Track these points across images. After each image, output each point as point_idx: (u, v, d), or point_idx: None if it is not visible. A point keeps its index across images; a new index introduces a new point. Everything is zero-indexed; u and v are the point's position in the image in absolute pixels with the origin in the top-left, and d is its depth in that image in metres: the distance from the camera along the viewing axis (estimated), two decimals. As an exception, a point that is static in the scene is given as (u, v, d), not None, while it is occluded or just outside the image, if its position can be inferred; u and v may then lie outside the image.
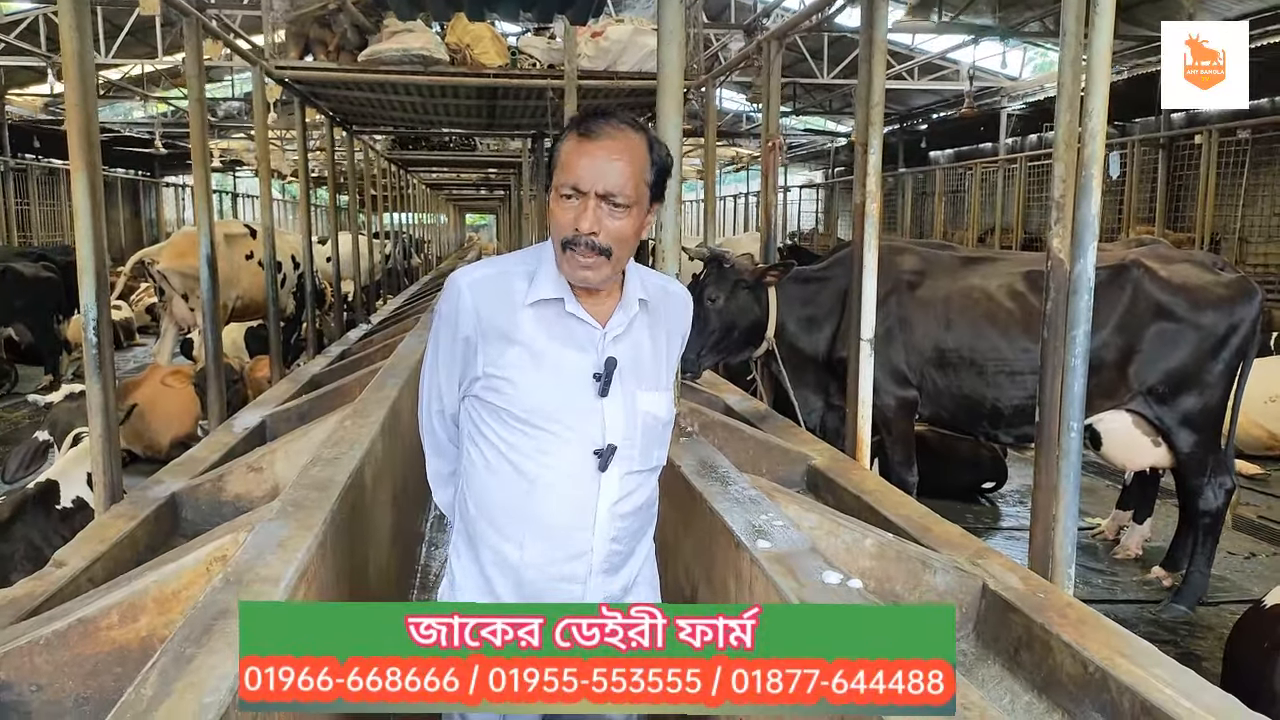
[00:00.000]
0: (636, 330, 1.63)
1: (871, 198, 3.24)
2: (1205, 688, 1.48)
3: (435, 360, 1.67)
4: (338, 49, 6.40)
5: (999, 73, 16.33)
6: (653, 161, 1.55)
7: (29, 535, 3.08)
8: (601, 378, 1.56)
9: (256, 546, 1.84)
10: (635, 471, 1.61)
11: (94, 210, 2.54)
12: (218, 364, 4.06)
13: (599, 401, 1.57)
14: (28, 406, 8.38)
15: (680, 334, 1.74)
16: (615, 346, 1.59)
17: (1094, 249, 2.23)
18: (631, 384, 1.60)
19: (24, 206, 15.51)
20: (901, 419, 4.29)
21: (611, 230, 1.51)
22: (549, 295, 1.57)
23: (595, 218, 1.50)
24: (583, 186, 1.50)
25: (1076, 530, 2.35)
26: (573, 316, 1.58)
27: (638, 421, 1.60)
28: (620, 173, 1.50)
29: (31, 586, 1.93)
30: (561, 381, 1.57)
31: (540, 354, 1.57)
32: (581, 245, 1.50)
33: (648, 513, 1.70)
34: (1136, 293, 4.07)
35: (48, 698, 1.62)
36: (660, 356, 1.66)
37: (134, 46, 14.14)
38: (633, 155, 1.52)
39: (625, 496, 1.60)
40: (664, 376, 1.66)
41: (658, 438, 1.65)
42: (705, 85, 6.61)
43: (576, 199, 1.51)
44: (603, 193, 1.49)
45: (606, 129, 1.51)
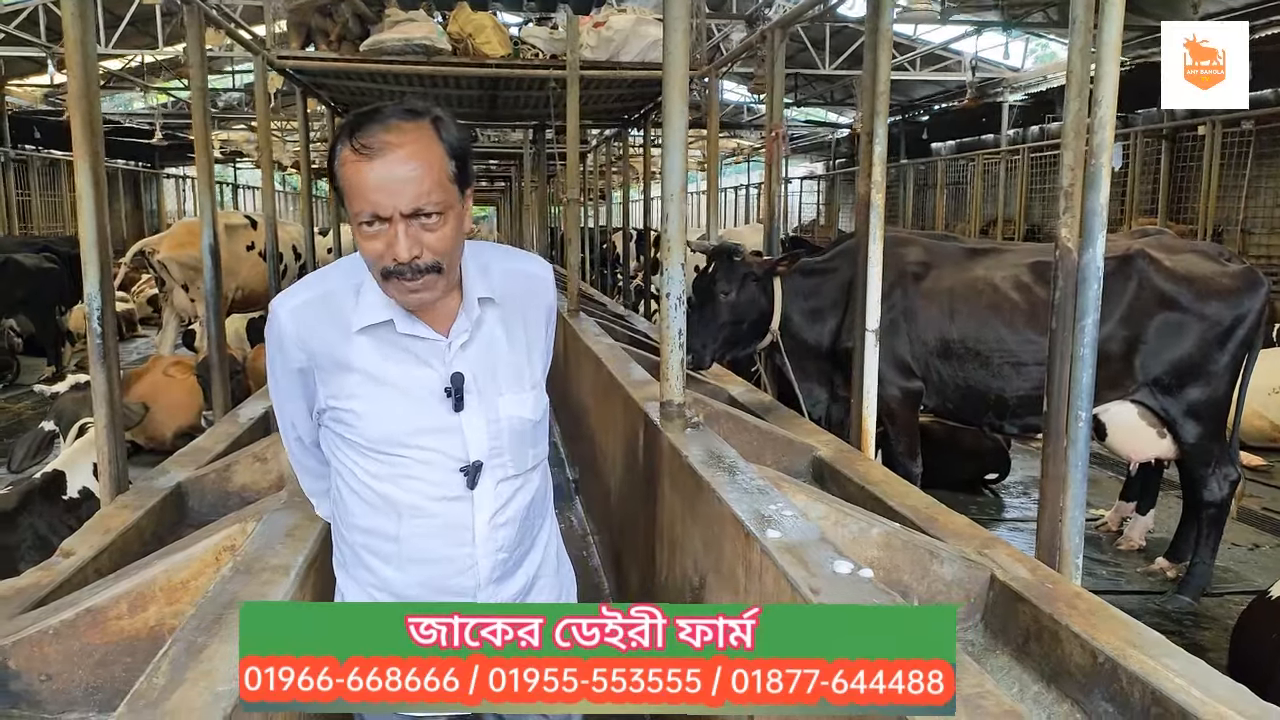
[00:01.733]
0: (486, 331, 1.50)
1: (876, 188, 3.22)
2: (1216, 678, 1.47)
3: (277, 391, 1.59)
4: (339, 39, 6.38)
5: (1001, 64, 16.30)
6: (448, 152, 1.37)
7: (35, 525, 3.09)
8: (452, 393, 1.45)
9: (265, 536, 1.84)
10: (510, 478, 1.52)
11: (97, 200, 2.53)
12: (221, 354, 4.05)
13: (455, 418, 1.46)
14: (31, 398, 8.39)
15: (544, 313, 1.60)
16: (463, 354, 1.47)
17: (1103, 238, 2.22)
18: (490, 391, 1.49)
19: (25, 197, 15.49)
20: (906, 410, 4.29)
21: (434, 244, 1.35)
22: (378, 319, 1.44)
23: (411, 239, 1.33)
24: (383, 212, 1.32)
25: (1084, 520, 2.35)
26: (409, 336, 1.45)
27: (503, 429, 1.50)
28: (418, 183, 1.32)
29: (39, 576, 1.92)
30: (410, 404, 1.45)
31: (381, 379, 1.45)
32: (407, 273, 1.35)
33: (539, 508, 1.62)
34: (1142, 283, 4.06)
35: (58, 687, 1.62)
36: (520, 351, 1.54)
37: (134, 37, 14.10)
38: (424, 157, 1.33)
39: (502, 507, 1.51)
40: (526, 373, 1.54)
41: (530, 438, 1.55)
42: (708, 76, 6.59)
43: (381, 225, 1.34)
44: (408, 211, 1.32)
45: (384, 137, 1.32)
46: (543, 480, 1.63)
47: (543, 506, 1.65)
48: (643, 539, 2.95)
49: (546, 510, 1.67)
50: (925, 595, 2.02)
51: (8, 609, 1.76)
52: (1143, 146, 11.82)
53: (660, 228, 2.86)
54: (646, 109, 8.75)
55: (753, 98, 19.84)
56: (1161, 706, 1.44)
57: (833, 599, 1.62)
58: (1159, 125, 11.76)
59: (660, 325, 2.89)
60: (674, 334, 2.79)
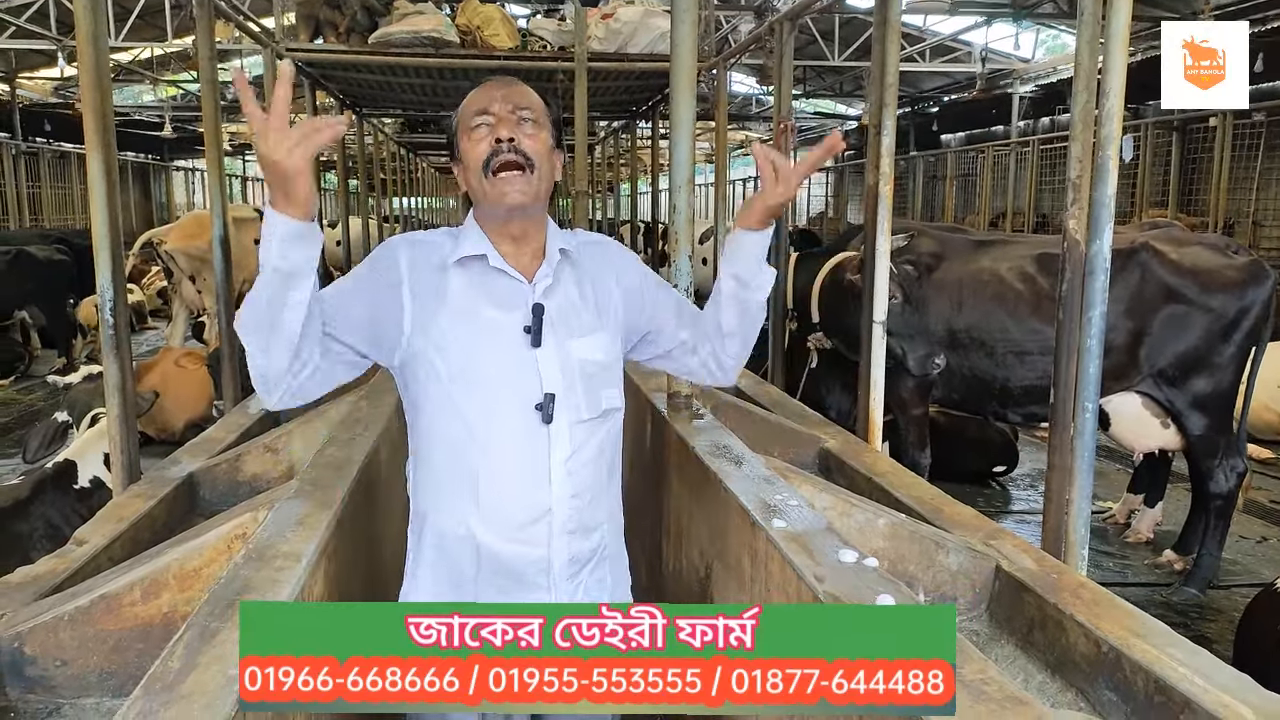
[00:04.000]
0: (563, 282, 1.66)
1: (884, 180, 3.22)
2: (1220, 667, 1.48)
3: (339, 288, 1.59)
4: (348, 31, 6.39)
5: (1011, 55, 16.21)
6: (549, 108, 1.64)
7: (48, 514, 3.12)
8: (531, 329, 1.58)
9: (277, 524, 1.86)
10: (583, 421, 1.61)
11: (109, 192, 2.55)
12: (231, 346, 4.07)
13: (532, 353, 1.58)
14: (43, 389, 8.45)
15: (610, 272, 1.73)
16: (543, 297, 1.61)
17: (1110, 230, 2.22)
18: (563, 333, 1.61)
19: (35, 189, 15.57)
20: (917, 401, 4.30)
21: (529, 144, 1.56)
22: (474, 251, 1.60)
23: (511, 125, 1.56)
24: (493, 109, 1.56)
25: (1090, 512, 2.36)
26: (498, 272, 1.60)
27: (575, 369, 1.61)
28: (526, 94, 1.60)
29: (54, 564, 1.95)
30: (493, 338, 1.58)
31: (469, 312, 1.58)
32: (504, 154, 1.54)
33: (610, 457, 1.69)
34: (1146, 275, 4.06)
35: (72, 672, 1.65)
36: (590, 303, 1.67)
37: (143, 30, 14.14)
38: (532, 95, 1.62)
39: (578, 450, 1.60)
40: (596, 321, 1.67)
41: (602, 381, 1.65)
42: (716, 68, 6.58)
43: (489, 120, 1.57)
44: (513, 108, 1.57)
45: (503, 79, 1.63)
46: (610, 437, 1.69)
47: (612, 460, 1.71)
48: (650, 528, 2.97)
49: (615, 472, 1.73)
50: (931, 585, 2.03)
51: (24, 595, 1.78)
52: (1153, 138, 11.75)
53: (668, 219, 2.86)
54: (654, 101, 8.74)
55: (761, 89, 19.78)
56: (1165, 695, 1.45)
57: (838, 588, 1.63)
58: (1170, 116, 11.69)
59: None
60: (681, 325, 2.80)
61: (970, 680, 1.33)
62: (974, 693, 1.31)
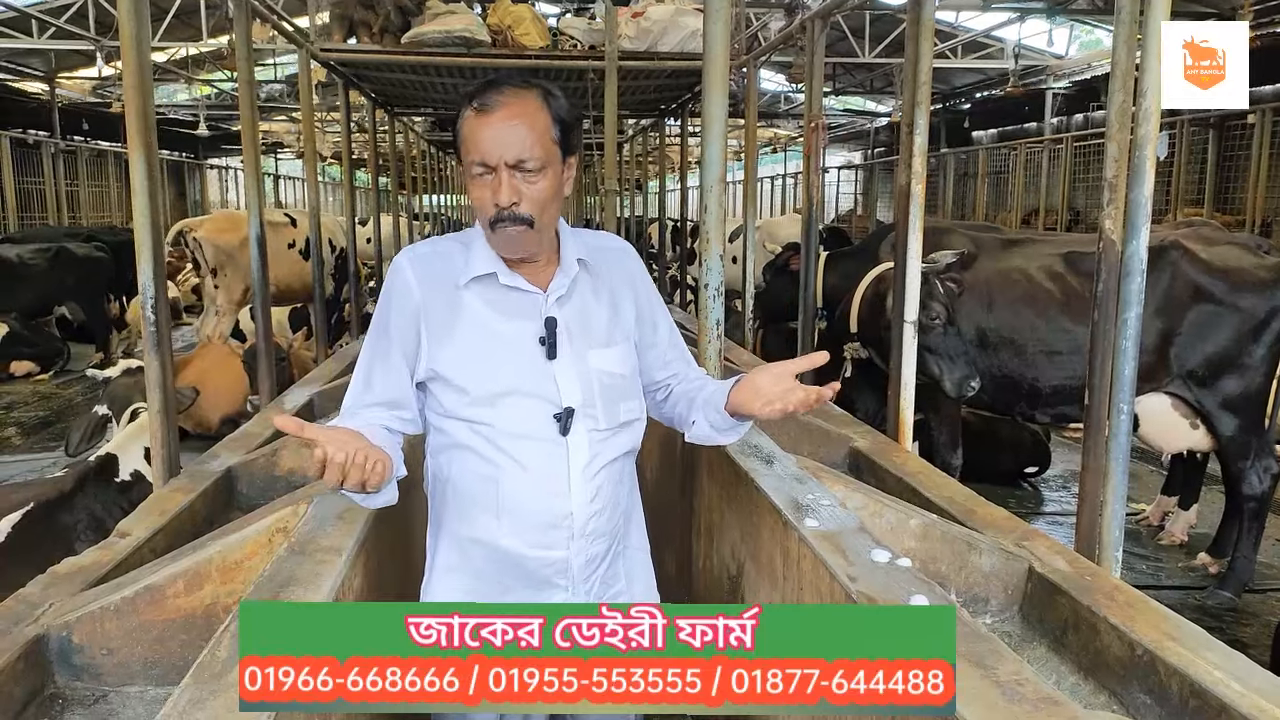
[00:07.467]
0: (580, 292, 1.66)
1: (916, 178, 3.21)
2: (1257, 671, 1.47)
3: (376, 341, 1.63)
4: (381, 31, 6.44)
5: (1045, 51, 16.03)
6: (554, 118, 1.56)
7: (91, 507, 3.18)
8: (546, 341, 1.59)
9: (317, 518, 1.89)
10: (600, 430, 1.62)
11: (151, 191, 2.59)
12: (268, 343, 4.13)
13: (549, 365, 1.59)
14: (82, 383, 8.60)
15: (628, 284, 1.74)
16: (559, 309, 1.62)
17: (1146, 231, 2.21)
18: (581, 344, 1.62)
19: (73, 188, 15.83)
20: (950, 402, 4.28)
21: (530, 196, 1.54)
22: (483, 271, 1.60)
23: (511, 188, 1.53)
24: (490, 160, 1.52)
25: (1124, 514, 2.34)
26: (510, 288, 1.61)
27: (594, 381, 1.62)
28: (523, 138, 1.52)
29: (99, 555, 2.00)
30: (509, 352, 1.59)
31: (484, 327, 1.59)
32: (507, 220, 1.53)
33: (630, 462, 1.72)
34: (1175, 275, 4.02)
35: (118, 661, 1.69)
36: (607, 314, 1.68)
37: (179, 29, 14.33)
38: (529, 118, 1.53)
39: (595, 457, 1.61)
40: (616, 332, 1.68)
41: (621, 393, 1.66)
42: (746, 65, 6.56)
43: (489, 174, 1.53)
44: (512, 162, 1.52)
45: (499, 98, 1.53)
46: (629, 446, 1.70)
47: (628, 469, 1.73)
48: (679, 526, 2.98)
49: (631, 480, 1.75)
50: (963, 586, 2.02)
51: (71, 586, 1.83)
52: (1189, 135, 11.57)
53: (699, 218, 2.87)
54: (684, 99, 8.73)
55: (790, 86, 19.71)
56: (1200, 699, 1.44)
57: (870, 588, 1.64)
58: (1206, 112, 11.49)
59: (699, 315, 2.92)
60: (711, 324, 2.82)
61: (1005, 680, 1.33)
62: (1008, 693, 1.31)
